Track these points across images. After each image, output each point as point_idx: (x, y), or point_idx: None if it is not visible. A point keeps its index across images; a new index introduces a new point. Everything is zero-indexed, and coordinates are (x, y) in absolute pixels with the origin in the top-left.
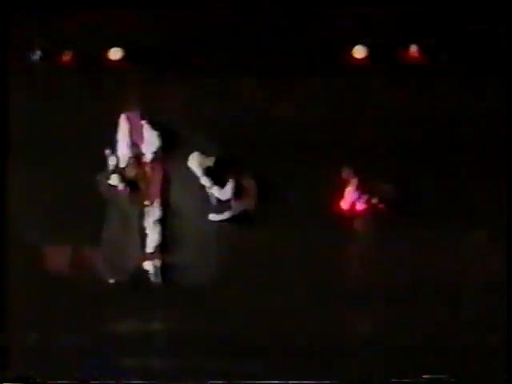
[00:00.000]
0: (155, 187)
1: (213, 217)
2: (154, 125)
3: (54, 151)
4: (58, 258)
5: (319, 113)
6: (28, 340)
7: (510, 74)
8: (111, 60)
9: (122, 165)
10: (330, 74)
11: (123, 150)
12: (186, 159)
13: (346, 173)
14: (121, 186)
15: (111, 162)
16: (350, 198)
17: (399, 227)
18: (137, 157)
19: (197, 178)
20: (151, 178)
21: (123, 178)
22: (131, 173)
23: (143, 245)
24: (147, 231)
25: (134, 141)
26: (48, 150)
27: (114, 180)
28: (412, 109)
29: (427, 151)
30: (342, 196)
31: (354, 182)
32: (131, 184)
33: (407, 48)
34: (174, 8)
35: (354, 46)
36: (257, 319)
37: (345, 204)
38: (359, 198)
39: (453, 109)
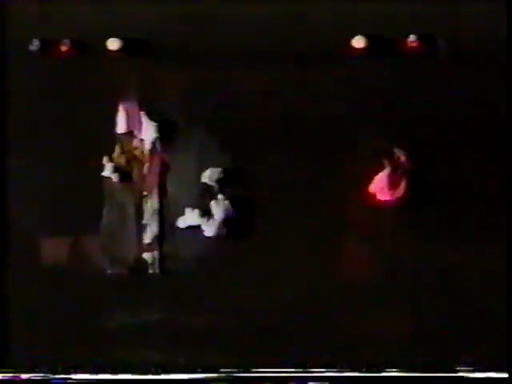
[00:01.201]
0: (153, 178)
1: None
2: (153, 115)
3: (53, 142)
4: (56, 248)
5: (319, 103)
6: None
7: (510, 63)
8: (109, 50)
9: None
10: (330, 65)
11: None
12: (184, 150)
13: (398, 151)
14: (114, 178)
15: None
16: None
17: (398, 223)
18: (134, 147)
19: (195, 169)
20: (149, 168)
21: (116, 169)
22: (127, 163)
23: (141, 235)
24: (145, 222)
25: (131, 131)
26: (47, 140)
27: (107, 171)
28: (412, 99)
29: (427, 145)
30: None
31: (403, 158)
32: (126, 175)
33: (407, 38)
34: None
35: (353, 36)
36: (257, 311)
37: (375, 188)
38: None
39: (454, 100)
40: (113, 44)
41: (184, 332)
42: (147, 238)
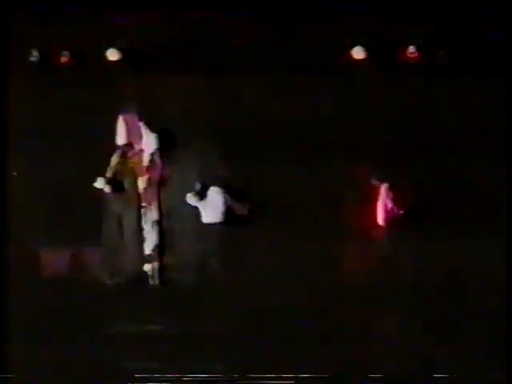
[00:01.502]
0: (153, 189)
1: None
2: (152, 126)
3: (53, 151)
4: (56, 260)
5: (318, 113)
6: None
7: (509, 73)
8: (109, 61)
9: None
10: (329, 75)
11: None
12: (184, 160)
13: (374, 181)
14: (107, 189)
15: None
16: (384, 208)
17: (400, 229)
18: (131, 159)
19: (194, 180)
20: (149, 179)
21: (109, 181)
22: (123, 175)
23: (141, 247)
24: (145, 233)
25: (131, 142)
26: (47, 150)
27: (99, 183)
28: (411, 109)
29: (425, 152)
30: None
31: (384, 189)
32: (120, 186)
33: (406, 48)
34: (171, 9)
35: (352, 47)
36: (255, 319)
37: (380, 217)
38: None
39: (452, 109)
40: (112, 55)
41: (184, 341)
42: (147, 249)
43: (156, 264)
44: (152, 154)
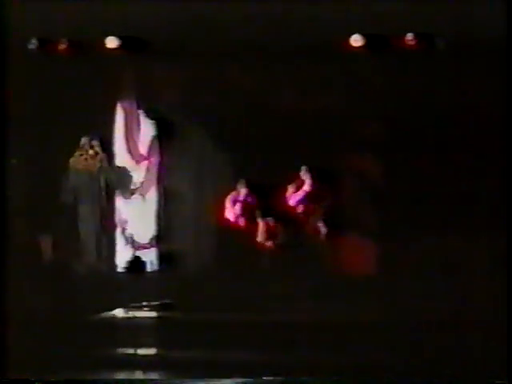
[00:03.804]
0: (152, 177)
1: None
2: (151, 114)
3: (52, 139)
4: (55, 248)
5: (317, 102)
6: None
7: (509, 60)
8: (107, 48)
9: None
10: (328, 63)
11: (119, 140)
12: (182, 148)
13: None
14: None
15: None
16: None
17: (402, 226)
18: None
19: (193, 168)
20: (148, 167)
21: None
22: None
23: (139, 234)
24: (143, 220)
25: (129, 129)
26: (46, 137)
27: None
28: (410, 98)
29: (425, 142)
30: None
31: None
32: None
33: (404, 36)
34: None
35: (351, 34)
36: (255, 308)
37: (292, 202)
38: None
39: (451, 99)
40: (111, 42)
41: (182, 329)
42: (145, 236)
43: (154, 251)
44: (150, 142)
